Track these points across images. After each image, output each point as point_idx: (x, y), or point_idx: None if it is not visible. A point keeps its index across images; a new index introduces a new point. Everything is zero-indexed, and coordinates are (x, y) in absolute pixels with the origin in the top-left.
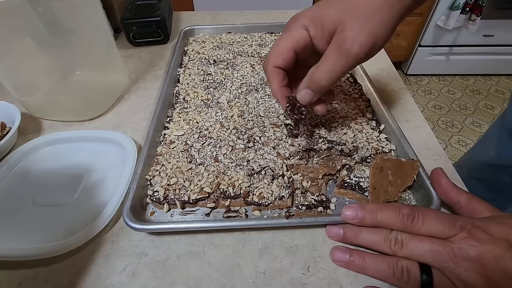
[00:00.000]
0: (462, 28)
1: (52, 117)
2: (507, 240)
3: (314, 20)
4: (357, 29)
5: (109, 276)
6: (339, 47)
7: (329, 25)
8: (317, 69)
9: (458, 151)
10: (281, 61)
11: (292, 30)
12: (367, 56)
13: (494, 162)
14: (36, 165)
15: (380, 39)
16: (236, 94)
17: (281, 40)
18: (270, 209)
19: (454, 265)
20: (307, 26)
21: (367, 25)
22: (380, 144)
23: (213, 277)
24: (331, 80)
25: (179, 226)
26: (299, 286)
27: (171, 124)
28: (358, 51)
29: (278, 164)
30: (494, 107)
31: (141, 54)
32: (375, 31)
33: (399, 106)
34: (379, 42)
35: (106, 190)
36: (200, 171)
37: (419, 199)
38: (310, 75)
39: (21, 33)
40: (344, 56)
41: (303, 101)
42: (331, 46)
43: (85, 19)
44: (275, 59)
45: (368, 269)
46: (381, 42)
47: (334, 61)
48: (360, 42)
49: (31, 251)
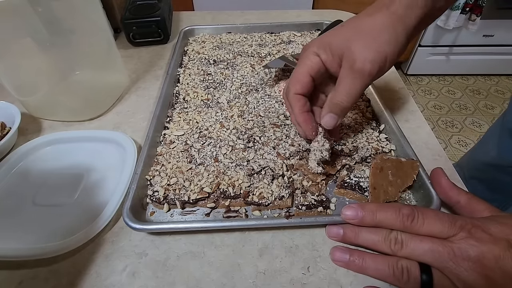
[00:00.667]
0: (462, 28)
1: (52, 117)
2: (507, 240)
3: (323, 45)
4: (364, 49)
5: (109, 276)
6: (351, 68)
7: (338, 49)
8: (337, 92)
9: (458, 151)
10: (300, 87)
11: (305, 58)
12: (379, 73)
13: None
14: (36, 165)
15: (389, 55)
16: (236, 94)
17: (297, 68)
18: (270, 209)
19: (454, 265)
20: (317, 52)
21: (373, 44)
22: (380, 144)
23: (213, 277)
24: (351, 101)
25: (179, 226)
26: (299, 286)
27: (171, 124)
28: (370, 68)
29: (278, 164)
30: (494, 107)
31: (141, 54)
32: (382, 49)
33: (399, 106)
34: (389, 57)
35: (106, 190)
36: (200, 171)
37: (419, 199)
38: (330, 100)
39: (21, 33)
40: (358, 76)
41: (328, 126)
42: (343, 69)
43: (85, 19)
44: (294, 86)
45: (368, 269)
46: (391, 58)
47: (350, 82)
48: (370, 60)
49: (31, 251)
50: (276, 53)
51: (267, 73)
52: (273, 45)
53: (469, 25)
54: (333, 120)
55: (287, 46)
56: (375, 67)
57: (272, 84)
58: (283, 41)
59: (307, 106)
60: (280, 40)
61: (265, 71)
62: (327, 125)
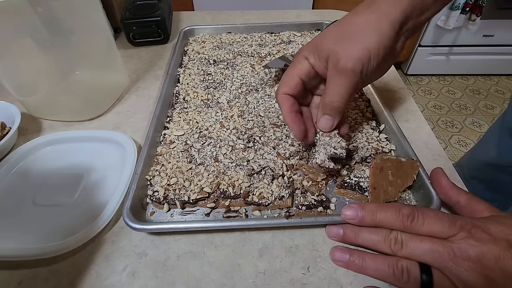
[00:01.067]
0: (462, 28)
1: (52, 117)
2: (507, 240)
3: (312, 49)
4: (347, 47)
5: (109, 276)
6: (335, 68)
7: (325, 51)
8: (326, 94)
9: (458, 151)
10: (288, 88)
11: (296, 62)
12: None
13: (495, 162)
14: (36, 165)
15: (372, 49)
16: (236, 94)
17: (288, 70)
18: (270, 209)
19: (454, 265)
20: (307, 56)
21: (355, 41)
22: (380, 144)
23: (213, 277)
24: (342, 100)
25: (179, 226)
26: (299, 286)
27: (171, 124)
28: (352, 65)
29: (278, 164)
30: (494, 107)
31: (141, 54)
32: (364, 45)
33: (399, 106)
34: (372, 52)
35: (106, 190)
36: (200, 171)
37: (419, 199)
38: (322, 102)
39: (21, 33)
40: (343, 75)
41: (324, 128)
42: (329, 70)
43: (85, 19)
44: (283, 87)
45: (368, 269)
46: (374, 52)
47: (337, 82)
48: (352, 57)
49: (31, 251)
50: (276, 53)
51: (267, 73)
52: (273, 45)
53: (469, 25)
54: (328, 122)
55: (287, 46)
56: (357, 63)
57: (272, 84)
58: (283, 41)
59: (295, 106)
60: (280, 40)
61: (265, 71)
62: (323, 127)
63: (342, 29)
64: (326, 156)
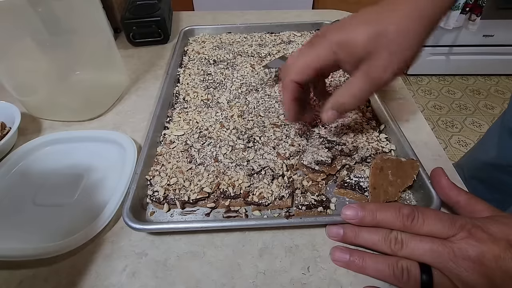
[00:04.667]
0: (462, 28)
1: (52, 117)
2: (507, 240)
3: (343, 45)
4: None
5: (109, 276)
6: (367, 74)
7: (360, 51)
8: (344, 92)
9: (458, 151)
10: (299, 77)
11: (320, 49)
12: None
13: (495, 162)
14: (36, 165)
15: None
16: (236, 94)
17: (307, 57)
18: (270, 209)
19: (454, 265)
20: (335, 50)
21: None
22: (380, 144)
23: (213, 277)
24: (356, 104)
25: (179, 226)
26: (299, 286)
27: (171, 124)
28: (388, 77)
29: (278, 164)
30: (494, 107)
31: (141, 54)
32: (405, 57)
33: (399, 106)
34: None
35: (106, 190)
36: (200, 171)
37: (419, 199)
38: (336, 97)
39: (21, 33)
40: (373, 83)
41: (328, 121)
42: (360, 72)
43: (85, 19)
44: (297, 75)
45: (368, 269)
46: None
47: (362, 86)
48: (393, 70)
49: (31, 251)
50: (276, 53)
51: (267, 73)
52: (273, 45)
53: (469, 25)
54: (334, 117)
55: (287, 46)
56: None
57: (272, 84)
58: (283, 41)
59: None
60: (280, 40)
61: (265, 71)
62: (327, 120)
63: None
64: (312, 160)
